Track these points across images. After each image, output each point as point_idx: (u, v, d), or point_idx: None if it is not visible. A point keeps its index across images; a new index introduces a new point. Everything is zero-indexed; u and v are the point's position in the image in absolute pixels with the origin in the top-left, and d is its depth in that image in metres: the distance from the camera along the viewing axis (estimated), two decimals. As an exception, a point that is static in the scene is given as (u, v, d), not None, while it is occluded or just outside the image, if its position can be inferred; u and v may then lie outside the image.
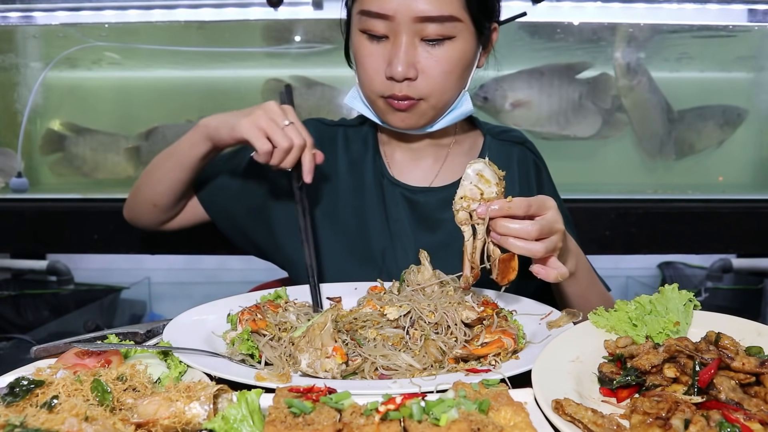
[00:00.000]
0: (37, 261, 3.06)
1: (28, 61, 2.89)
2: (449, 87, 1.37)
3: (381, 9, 1.29)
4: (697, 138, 2.82)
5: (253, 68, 2.96)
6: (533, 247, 1.04)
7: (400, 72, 1.30)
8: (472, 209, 1.06)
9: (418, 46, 1.32)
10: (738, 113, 2.79)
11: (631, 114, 2.76)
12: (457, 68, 1.35)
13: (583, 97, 2.68)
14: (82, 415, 0.72)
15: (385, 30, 1.32)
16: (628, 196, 2.72)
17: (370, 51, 1.35)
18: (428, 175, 1.54)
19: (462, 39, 1.34)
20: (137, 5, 2.60)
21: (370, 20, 1.32)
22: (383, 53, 1.33)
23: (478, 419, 0.71)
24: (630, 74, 2.71)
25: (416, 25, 1.29)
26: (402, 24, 1.29)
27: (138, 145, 2.81)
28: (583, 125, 2.70)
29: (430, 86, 1.34)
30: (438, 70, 1.33)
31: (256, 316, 1.09)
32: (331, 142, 1.58)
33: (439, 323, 1.06)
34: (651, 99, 2.74)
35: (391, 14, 1.29)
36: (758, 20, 2.59)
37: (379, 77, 1.35)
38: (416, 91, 1.34)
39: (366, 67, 1.37)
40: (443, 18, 1.29)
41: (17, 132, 2.86)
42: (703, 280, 3.10)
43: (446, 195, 1.46)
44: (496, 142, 1.57)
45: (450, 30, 1.31)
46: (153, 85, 2.98)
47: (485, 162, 1.07)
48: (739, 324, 1.00)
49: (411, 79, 1.33)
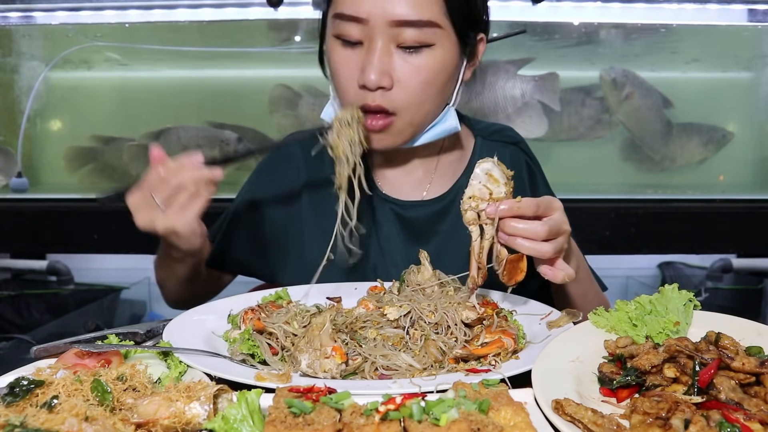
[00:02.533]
0: (37, 261, 3.06)
1: (28, 61, 2.90)
2: (427, 99, 1.28)
3: (355, 12, 1.21)
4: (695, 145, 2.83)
5: (253, 68, 2.96)
6: (541, 247, 1.03)
7: (373, 80, 1.21)
8: (480, 209, 1.05)
9: (393, 53, 1.23)
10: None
11: (627, 123, 2.77)
12: (436, 79, 1.26)
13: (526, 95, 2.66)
14: (82, 415, 0.72)
15: (359, 35, 1.23)
16: (628, 196, 2.72)
17: (343, 58, 1.26)
18: (419, 187, 1.47)
19: (442, 47, 1.25)
20: (137, 5, 2.60)
21: (344, 24, 1.23)
22: (357, 60, 1.24)
23: (478, 419, 0.71)
24: (618, 88, 2.70)
25: (392, 30, 1.21)
26: (377, 28, 1.21)
27: (146, 144, 2.82)
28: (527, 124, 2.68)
29: (406, 97, 1.25)
30: (415, 80, 1.24)
31: (260, 315, 1.10)
32: (317, 156, 1.48)
33: (439, 323, 1.06)
34: (645, 104, 2.74)
35: (365, 17, 1.21)
36: (758, 20, 2.59)
37: (353, 87, 1.26)
38: (391, 103, 1.25)
39: (340, 76, 1.28)
40: (422, 23, 1.21)
41: (17, 132, 2.86)
42: (703, 280, 3.10)
43: (437, 208, 1.43)
44: (487, 143, 1.50)
45: (429, 37, 1.22)
46: (153, 85, 2.98)
47: (494, 161, 1.06)
48: (739, 324, 1.00)
49: (385, 89, 1.23)
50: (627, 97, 2.70)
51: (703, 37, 2.76)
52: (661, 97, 2.75)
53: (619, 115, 2.74)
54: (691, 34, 2.73)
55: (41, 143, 2.97)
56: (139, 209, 1.17)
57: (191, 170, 1.16)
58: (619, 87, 2.69)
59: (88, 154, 2.89)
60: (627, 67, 2.72)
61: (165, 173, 1.16)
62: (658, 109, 2.75)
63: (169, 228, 1.17)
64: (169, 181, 1.15)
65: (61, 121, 2.99)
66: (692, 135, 2.79)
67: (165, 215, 1.16)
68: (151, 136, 2.81)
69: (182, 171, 1.16)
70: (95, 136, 2.87)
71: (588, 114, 2.76)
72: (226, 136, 2.80)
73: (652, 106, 2.74)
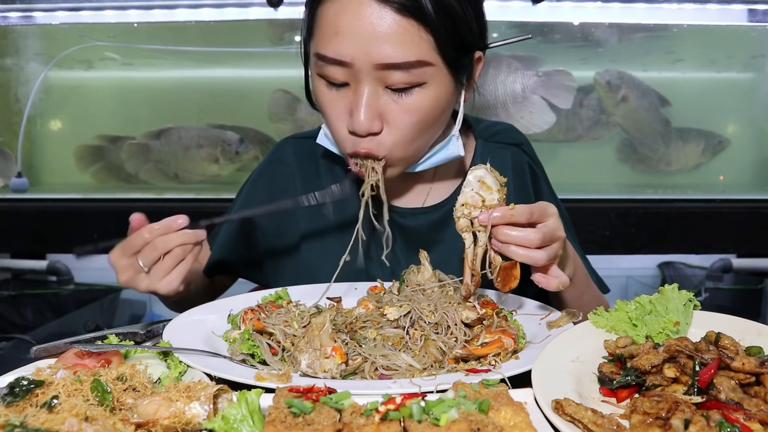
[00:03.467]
0: (37, 261, 3.06)
1: (28, 61, 2.90)
2: (418, 137, 1.20)
3: (337, 55, 1.12)
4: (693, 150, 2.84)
5: (253, 68, 2.96)
6: (535, 255, 1.02)
7: (363, 126, 1.14)
8: (473, 216, 1.05)
9: (382, 95, 1.14)
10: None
11: (624, 125, 2.76)
12: (430, 116, 1.18)
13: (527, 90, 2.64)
14: (82, 415, 0.72)
15: (344, 77, 1.14)
16: (628, 196, 2.72)
17: (329, 99, 1.18)
18: (419, 194, 1.43)
19: (435, 84, 1.15)
20: (137, 5, 2.60)
21: (327, 66, 1.14)
22: (344, 102, 1.17)
23: (478, 419, 0.71)
24: (613, 91, 2.70)
25: (379, 73, 1.12)
26: (362, 72, 1.12)
27: (146, 143, 2.82)
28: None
29: (396, 139, 1.18)
30: (407, 122, 1.16)
31: (260, 315, 1.10)
32: (311, 159, 1.47)
33: (439, 323, 1.06)
34: (642, 105, 2.74)
35: (348, 60, 1.11)
36: (758, 20, 2.59)
37: (343, 129, 1.19)
38: (380, 147, 1.18)
39: (328, 116, 1.21)
40: (409, 64, 1.11)
41: (17, 132, 2.86)
42: (703, 280, 3.10)
43: (437, 216, 1.40)
44: (489, 146, 1.45)
45: (419, 77, 1.13)
46: (153, 85, 2.98)
47: (487, 168, 1.06)
48: (739, 324, 1.00)
49: (375, 134, 1.17)
50: (623, 99, 2.70)
51: (703, 37, 2.76)
52: (658, 97, 2.75)
53: (616, 117, 2.74)
54: (691, 34, 2.73)
55: (41, 143, 2.97)
56: (122, 269, 1.15)
57: (179, 237, 1.13)
58: (615, 89, 2.69)
59: (96, 152, 2.89)
60: (627, 68, 2.72)
61: (151, 237, 1.12)
62: (655, 110, 2.75)
63: (151, 289, 1.15)
64: (157, 247, 1.12)
65: (61, 121, 2.99)
66: (689, 140, 2.79)
67: (149, 278, 1.14)
68: (152, 135, 2.81)
69: (170, 238, 1.12)
70: (102, 135, 2.87)
71: (587, 114, 2.76)
72: (228, 136, 2.80)
73: (649, 108, 2.74)
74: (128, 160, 2.83)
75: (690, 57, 2.85)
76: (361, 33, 1.10)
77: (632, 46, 2.76)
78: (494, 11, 2.59)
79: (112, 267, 1.16)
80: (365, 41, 1.10)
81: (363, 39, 1.10)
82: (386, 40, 1.10)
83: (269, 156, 1.56)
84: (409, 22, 1.10)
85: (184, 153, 2.81)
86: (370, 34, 1.10)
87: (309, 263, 1.42)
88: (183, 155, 2.82)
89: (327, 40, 1.14)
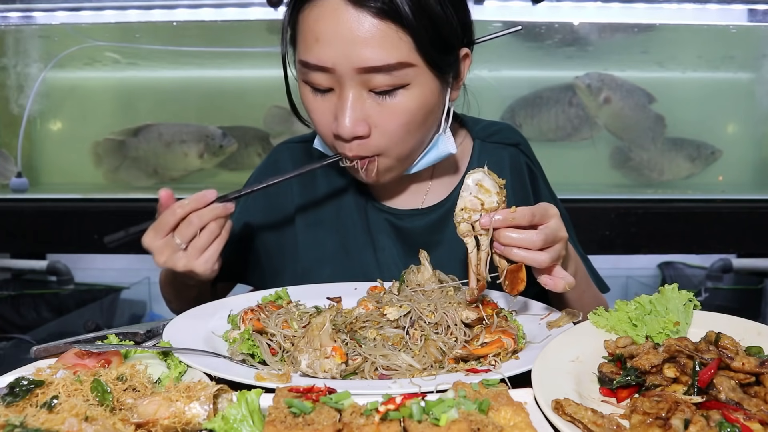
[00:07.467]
0: (37, 261, 3.07)
1: (28, 61, 2.90)
2: (409, 137, 1.21)
3: (319, 61, 1.13)
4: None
5: (253, 68, 2.96)
6: (538, 257, 1.02)
7: (348, 131, 1.15)
8: (473, 220, 1.04)
9: (366, 99, 1.15)
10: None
11: (611, 127, 2.76)
12: (416, 117, 1.18)
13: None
14: (82, 415, 0.72)
15: (328, 82, 1.16)
16: (629, 196, 2.72)
17: (315, 105, 1.20)
18: (417, 195, 1.41)
19: (419, 85, 1.16)
20: (137, 5, 2.60)
21: (310, 72, 1.16)
22: (330, 107, 1.18)
23: (478, 419, 0.71)
24: (594, 93, 2.70)
25: (361, 77, 1.13)
26: (345, 76, 1.13)
27: (122, 139, 2.82)
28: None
29: (387, 141, 1.19)
30: (394, 124, 1.17)
31: (260, 315, 1.10)
32: (303, 162, 1.44)
33: (439, 323, 1.06)
34: (627, 104, 2.73)
35: (330, 66, 1.13)
36: (758, 20, 2.59)
37: (330, 135, 1.20)
38: (369, 150, 1.19)
39: (316, 123, 1.23)
40: (390, 67, 1.11)
41: (17, 132, 2.87)
42: (703, 280, 3.10)
43: (435, 218, 1.39)
44: (486, 146, 1.44)
45: (401, 78, 1.13)
46: (153, 85, 2.98)
47: (485, 171, 1.05)
48: (739, 324, 1.00)
49: (362, 137, 1.17)
50: (605, 101, 2.70)
51: (703, 37, 2.76)
52: (646, 95, 2.74)
53: (599, 120, 2.74)
54: (691, 34, 2.73)
55: (41, 143, 2.97)
56: (158, 250, 1.16)
57: (212, 211, 1.16)
58: (595, 92, 2.69)
59: (117, 147, 2.90)
60: (627, 68, 2.72)
61: (184, 212, 1.15)
62: (645, 111, 2.75)
63: (189, 268, 1.17)
64: (192, 222, 1.15)
65: (61, 121, 2.99)
66: (681, 149, 2.79)
67: (186, 256, 1.16)
68: (129, 132, 2.82)
69: (204, 212, 1.15)
70: (124, 130, 2.88)
71: (575, 113, 2.76)
72: (211, 131, 2.81)
73: (635, 105, 2.74)
74: (101, 158, 2.84)
75: (690, 57, 2.85)
76: (340, 38, 1.11)
77: (632, 46, 2.76)
78: (494, 11, 2.60)
79: (147, 249, 1.17)
80: (345, 46, 1.11)
81: (343, 44, 1.11)
82: (365, 44, 1.11)
83: (265, 161, 1.56)
84: (387, 25, 1.11)
85: (167, 150, 2.83)
86: (350, 39, 1.11)
87: (307, 265, 1.42)
88: (164, 151, 2.84)
89: (308, 47, 1.15)
